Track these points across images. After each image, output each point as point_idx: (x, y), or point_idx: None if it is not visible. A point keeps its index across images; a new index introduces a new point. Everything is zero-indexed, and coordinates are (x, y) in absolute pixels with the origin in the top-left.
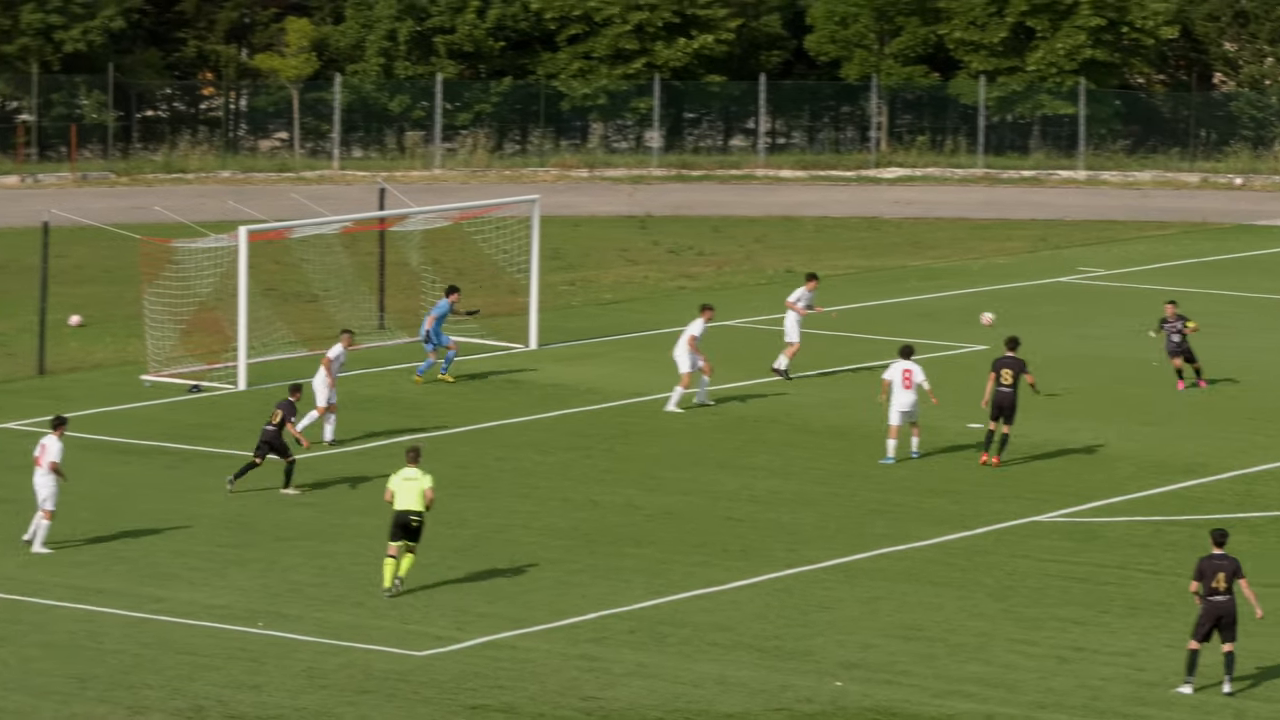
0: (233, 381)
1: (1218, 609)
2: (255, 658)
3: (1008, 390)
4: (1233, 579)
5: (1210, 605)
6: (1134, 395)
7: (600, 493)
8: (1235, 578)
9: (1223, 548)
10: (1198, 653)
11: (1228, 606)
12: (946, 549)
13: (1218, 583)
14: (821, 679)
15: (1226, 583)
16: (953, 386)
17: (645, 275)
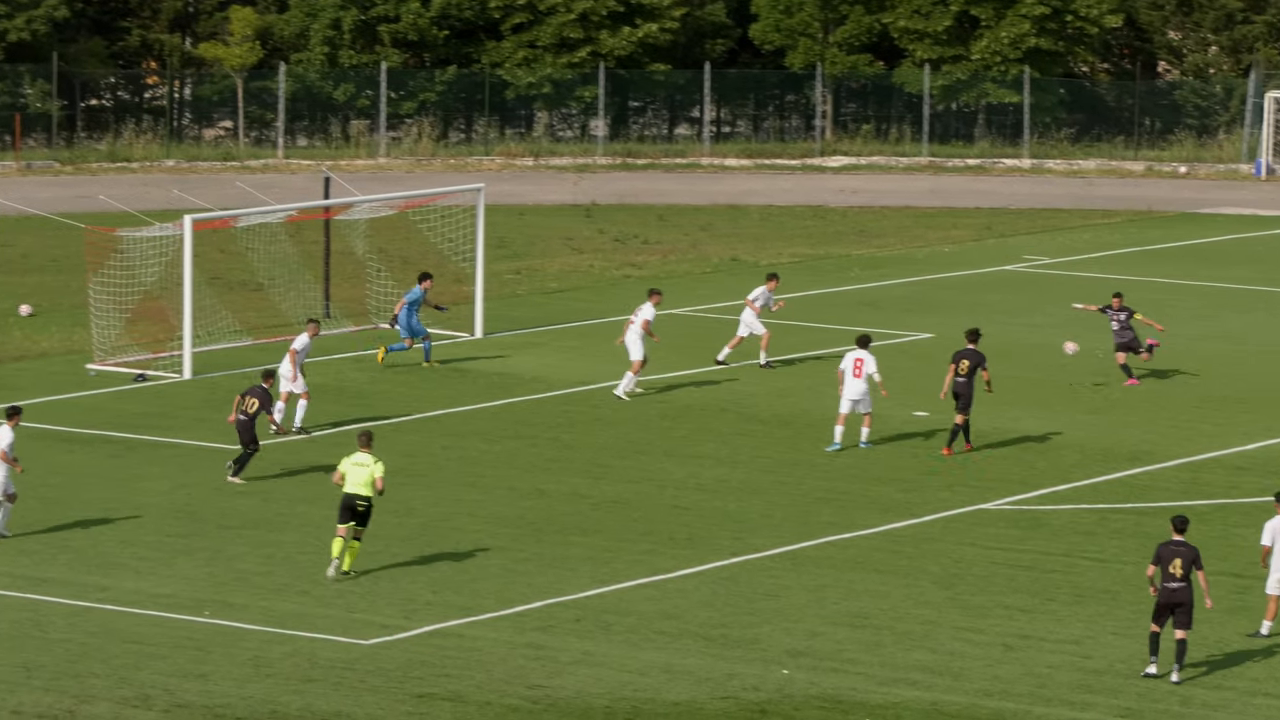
0: (178, 370)
1: (1172, 596)
2: (201, 646)
3: (963, 380)
4: (1190, 567)
5: (1165, 591)
6: (1078, 385)
7: (546, 481)
8: (1193, 566)
9: (1183, 534)
10: (1158, 634)
11: (1183, 594)
12: (893, 537)
13: (1174, 569)
14: (768, 667)
15: (1183, 569)
16: (899, 375)
17: (590, 264)
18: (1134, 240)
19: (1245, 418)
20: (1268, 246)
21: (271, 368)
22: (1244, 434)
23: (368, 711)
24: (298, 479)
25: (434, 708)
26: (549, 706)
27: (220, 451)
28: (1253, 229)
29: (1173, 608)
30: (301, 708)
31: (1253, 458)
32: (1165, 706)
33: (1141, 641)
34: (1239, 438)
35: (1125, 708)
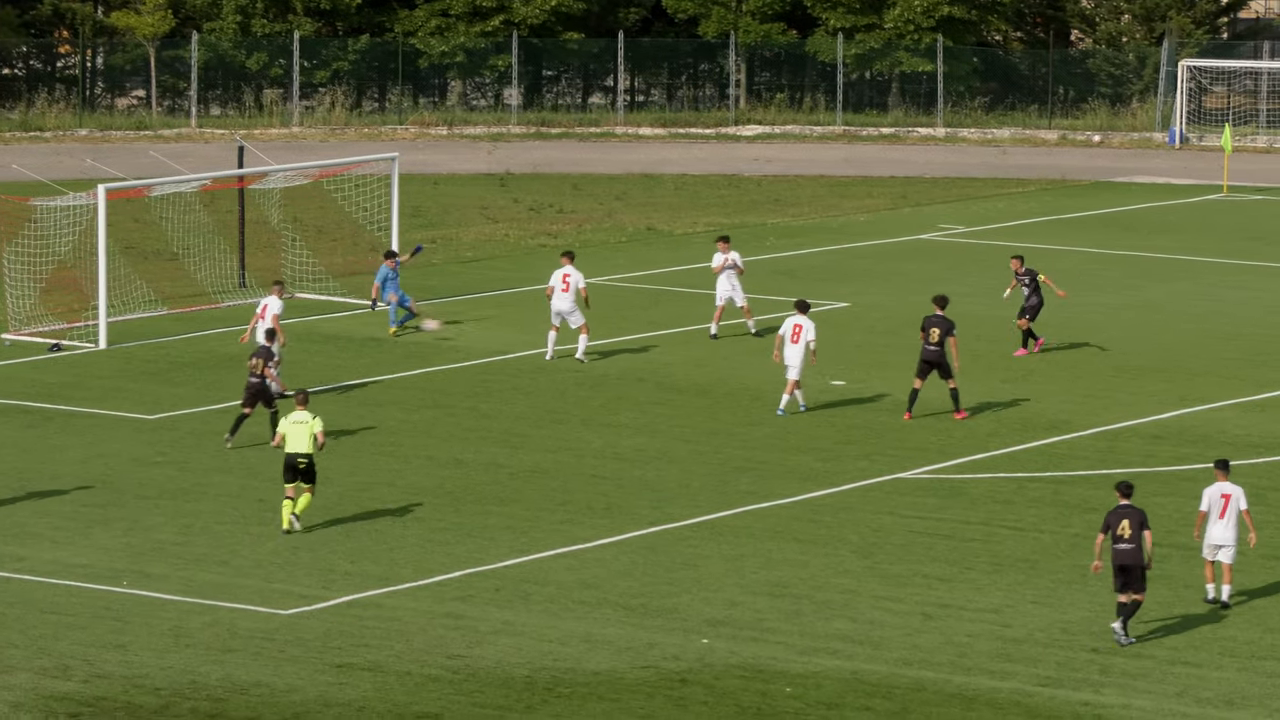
0: (93, 340)
1: (1122, 557)
2: (120, 617)
3: (934, 348)
4: (1139, 528)
5: (1115, 553)
6: (995, 352)
7: (464, 451)
8: (1141, 528)
9: (1129, 499)
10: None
11: (1133, 555)
12: (811, 506)
13: (1123, 530)
14: (688, 636)
15: (1132, 530)
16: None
17: (506, 233)
18: (1049, 209)
19: (1161, 387)
20: (1182, 215)
21: (273, 327)
22: (1159, 403)
23: (287, 681)
24: (214, 449)
25: (354, 678)
26: (469, 676)
27: (135, 421)
28: (1167, 197)
29: (1125, 570)
30: (221, 678)
31: (1167, 427)
32: (1085, 675)
33: (1060, 610)
34: (1155, 406)
35: (1045, 676)
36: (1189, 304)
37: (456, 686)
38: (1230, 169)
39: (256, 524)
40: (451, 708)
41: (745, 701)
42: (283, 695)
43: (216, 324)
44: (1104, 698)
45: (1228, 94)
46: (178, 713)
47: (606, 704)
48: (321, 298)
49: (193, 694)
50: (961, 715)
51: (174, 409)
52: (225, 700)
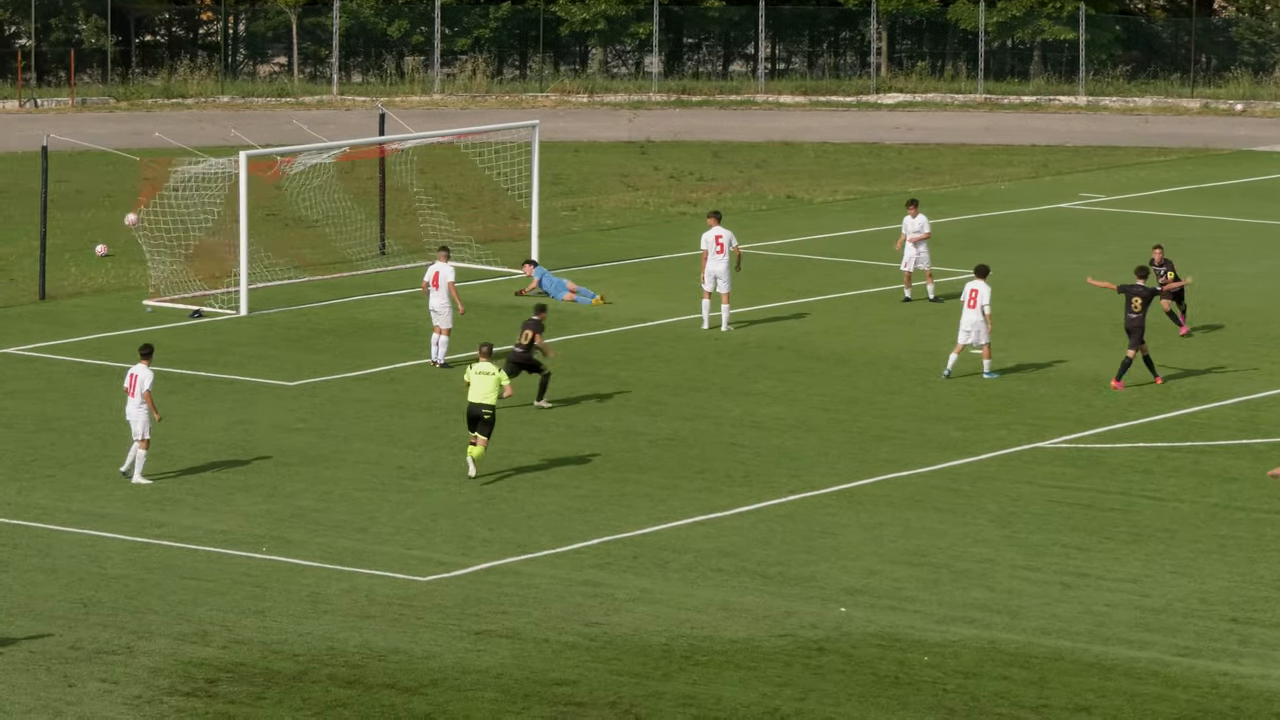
0: (235, 306)
1: None
2: (259, 583)
3: (1136, 316)
4: None
5: None
6: None
7: (603, 419)
8: None
9: None
10: None
11: None
12: (950, 475)
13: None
14: (826, 605)
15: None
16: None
17: (645, 201)
18: (1190, 178)
19: None
20: None
21: (545, 302)
22: None
23: (425, 648)
24: (354, 415)
25: (491, 645)
26: (606, 644)
27: (276, 388)
28: None
29: None
30: (359, 644)
31: None
32: (1224, 645)
33: (1199, 579)
34: None
35: (1184, 646)
36: None
37: (594, 654)
38: None
39: (395, 491)
40: (589, 675)
41: (882, 670)
42: (420, 662)
43: (357, 291)
44: (1242, 668)
45: None
46: (315, 678)
47: (743, 672)
48: (463, 265)
49: (330, 660)
50: (1099, 685)
51: (314, 375)
52: (363, 666)
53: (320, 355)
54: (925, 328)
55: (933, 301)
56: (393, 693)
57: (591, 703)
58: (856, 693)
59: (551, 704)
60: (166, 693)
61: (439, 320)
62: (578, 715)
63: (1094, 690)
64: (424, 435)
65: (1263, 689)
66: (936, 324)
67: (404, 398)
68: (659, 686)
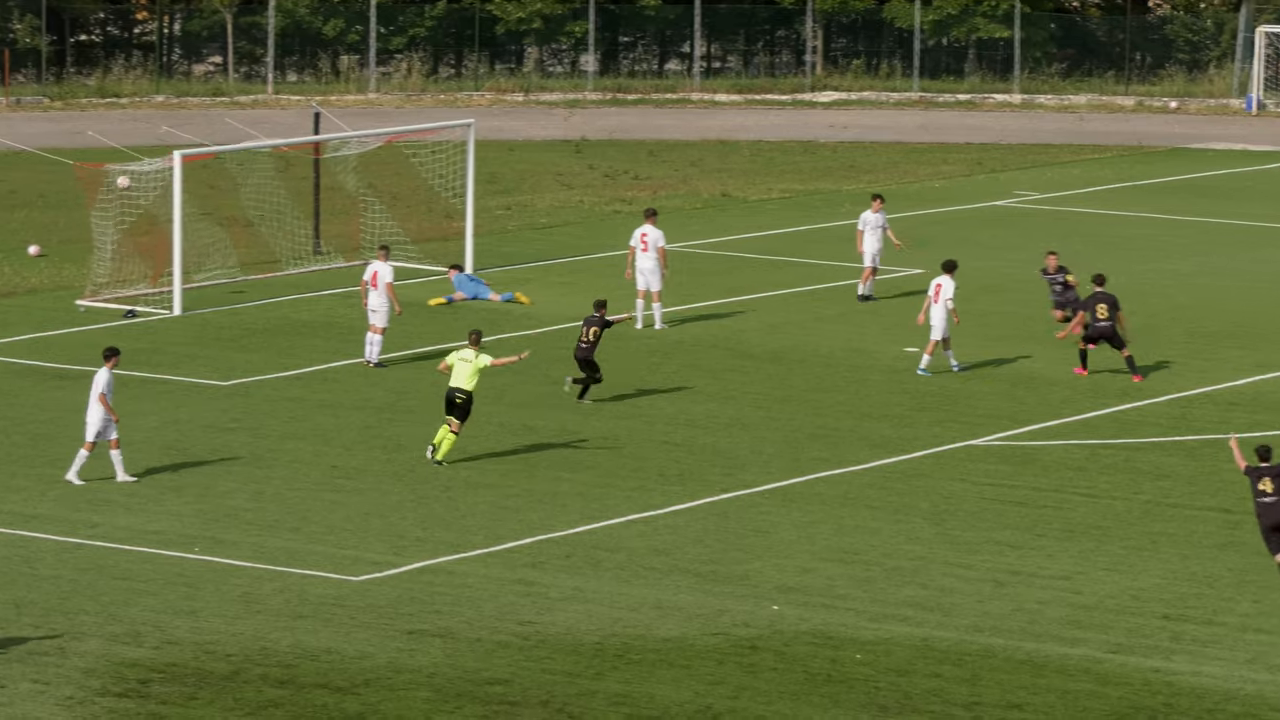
0: (169, 306)
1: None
2: (191, 583)
3: (1105, 324)
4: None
5: (1262, 508)
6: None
7: (536, 418)
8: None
9: (1269, 459)
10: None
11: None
12: (883, 473)
13: (1264, 486)
14: (759, 603)
15: (1274, 485)
16: (888, 309)
17: (580, 199)
18: (1125, 175)
19: (1236, 353)
20: (1260, 182)
21: (603, 299)
22: (1235, 369)
23: (358, 648)
24: (288, 415)
25: (424, 644)
26: (539, 643)
27: (209, 388)
28: (1244, 164)
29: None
30: (292, 644)
31: (1242, 393)
32: (1155, 642)
33: (1132, 576)
34: (1230, 373)
35: (1115, 643)
36: (1265, 270)
37: (527, 653)
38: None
39: (329, 490)
40: (521, 674)
41: (815, 668)
42: (353, 662)
43: (291, 290)
44: (1174, 664)
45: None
46: (248, 679)
47: (676, 670)
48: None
49: (263, 660)
50: (1031, 682)
51: (248, 375)
52: (295, 666)
53: (254, 355)
54: (858, 325)
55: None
56: (325, 692)
57: (524, 702)
58: (789, 690)
59: (484, 703)
60: (98, 693)
61: (375, 319)
62: (510, 714)
63: (1026, 687)
64: (358, 435)
65: (1194, 686)
66: (867, 322)
67: (338, 397)
68: (592, 685)
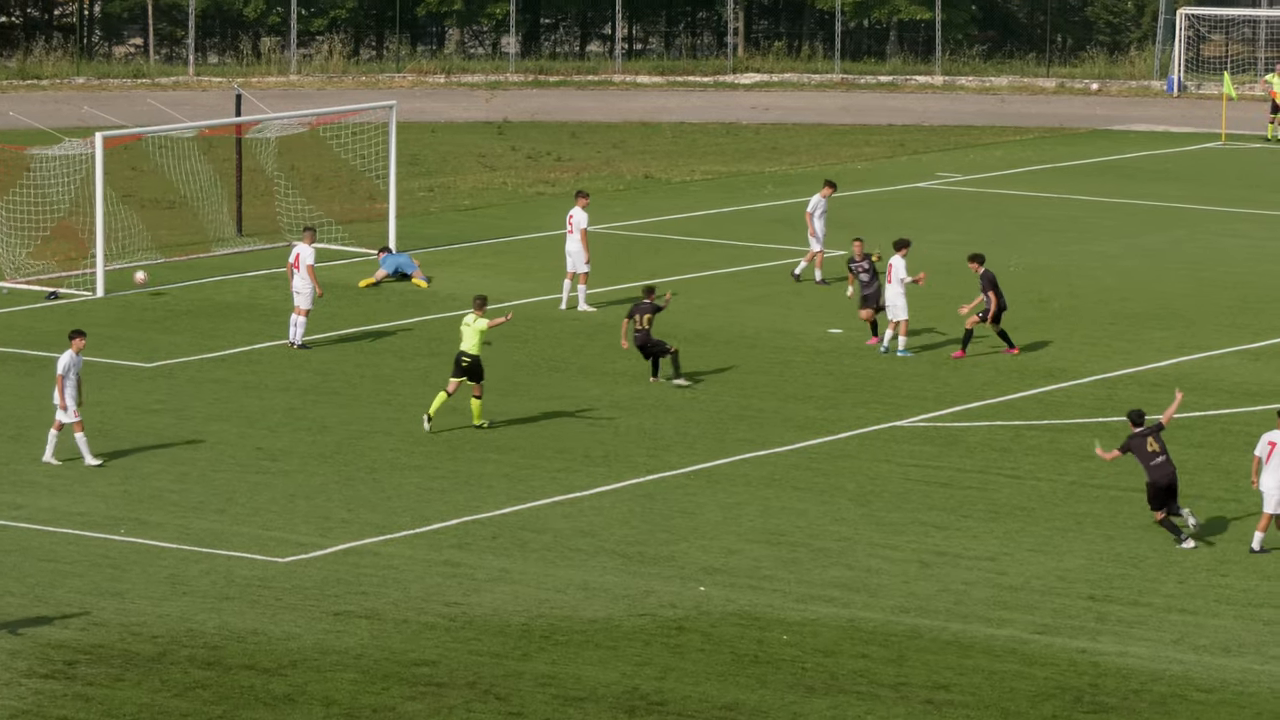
0: (91, 288)
1: (1161, 473)
2: (117, 565)
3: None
4: (1162, 441)
5: (1154, 470)
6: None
7: (461, 399)
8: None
9: (1143, 423)
10: (1165, 519)
11: (1169, 468)
12: (808, 454)
13: (1152, 446)
14: (685, 584)
15: (1158, 444)
16: (811, 291)
17: (504, 181)
18: (1047, 157)
19: (1159, 334)
20: (1181, 163)
21: (652, 283)
22: (1158, 350)
23: (284, 629)
24: (212, 396)
25: (351, 625)
26: (466, 624)
27: (133, 369)
28: (1165, 146)
29: (1169, 486)
30: (218, 625)
31: (1166, 374)
32: (1081, 623)
33: (1057, 557)
34: (1153, 354)
35: (1041, 624)
36: (1187, 252)
37: (453, 634)
38: (1228, 117)
39: (254, 472)
40: (448, 655)
41: (742, 649)
42: (279, 643)
43: (214, 272)
44: (1100, 645)
45: (1225, 42)
46: (174, 660)
47: (603, 651)
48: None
49: (189, 642)
50: (958, 662)
51: (171, 357)
52: (222, 648)
53: (178, 336)
54: (783, 306)
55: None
56: (252, 674)
57: (451, 683)
58: (716, 671)
59: (411, 684)
60: (24, 675)
61: (299, 301)
62: (437, 695)
63: (952, 668)
64: (282, 416)
65: (1119, 666)
66: (792, 303)
67: (263, 379)
68: (518, 666)
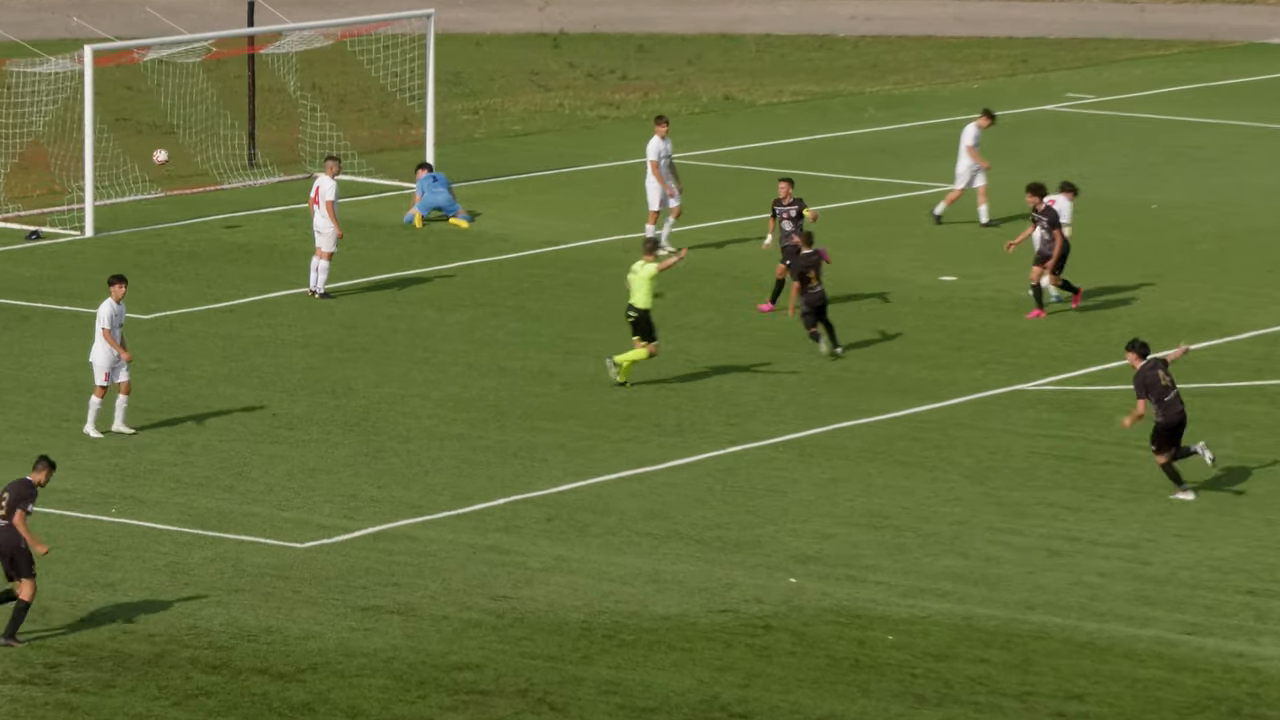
0: (78, 227)
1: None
2: (109, 550)
3: None
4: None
5: (1167, 407)
6: (1131, 243)
7: (510, 358)
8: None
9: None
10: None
11: (1180, 404)
12: (916, 423)
13: (1164, 380)
14: (772, 575)
15: (1169, 378)
16: (922, 233)
17: (560, 103)
18: (1193, 75)
19: None
20: None
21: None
22: None
23: (303, 627)
24: (220, 354)
25: (381, 622)
26: (516, 620)
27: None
28: None
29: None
30: (226, 622)
31: None
32: (1238, 622)
33: (1209, 545)
34: None
35: (1192, 623)
36: None
37: (501, 633)
38: None
39: (268, 442)
40: (495, 658)
41: (839, 651)
42: (297, 643)
43: (221, 209)
44: (1261, 648)
45: None
46: (174, 663)
47: (676, 654)
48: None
49: (192, 641)
50: (1093, 668)
51: (172, 308)
52: (230, 649)
53: (179, 284)
54: (884, 250)
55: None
56: (265, 679)
57: (498, 690)
58: (809, 677)
59: (451, 692)
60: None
61: (321, 242)
62: (482, 705)
63: (1087, 675)
64: (301, 377)
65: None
66: (895, 246)
67: (278, 333)
68: (577, 671)
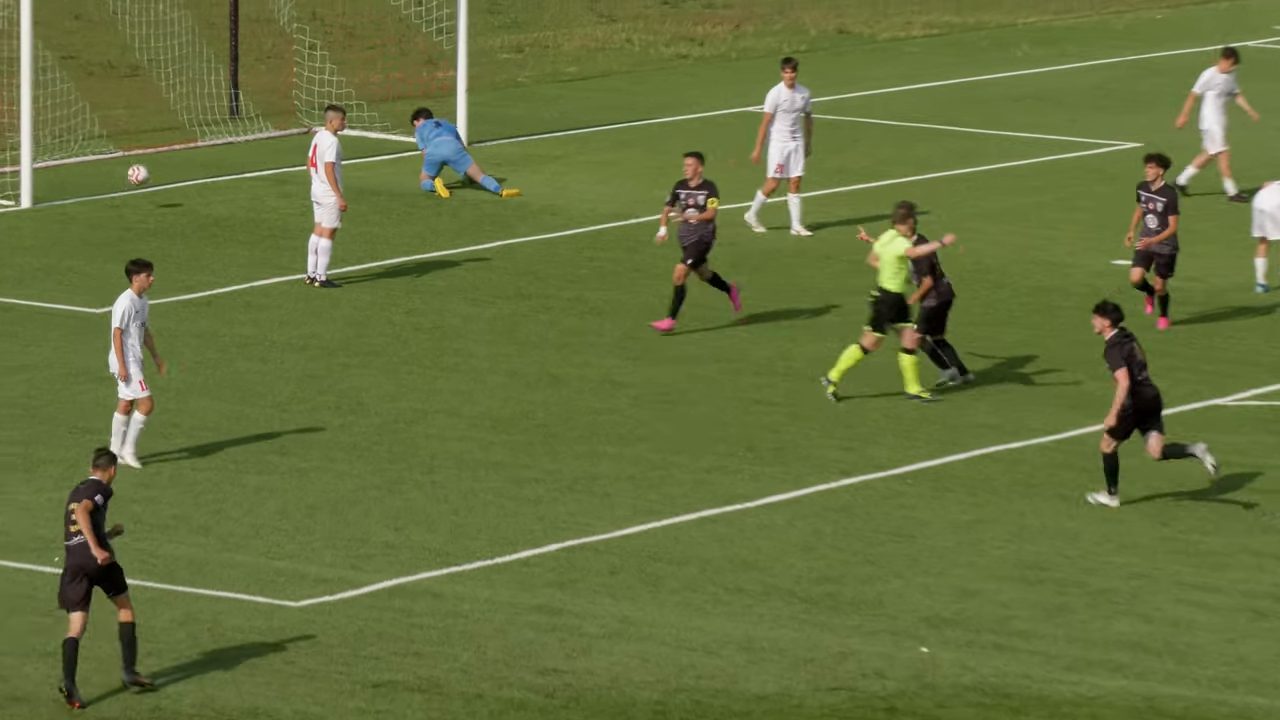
0: (13, 196)
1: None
2: (50, 611)
3: None
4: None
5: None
6: None
7: (564, 363)
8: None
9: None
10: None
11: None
12: (1081, 448)
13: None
14: (899, 643)
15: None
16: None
17: (628, 38)
18: None
19: None
20: None
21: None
22: None
23: (298, 708)
24: (193, 357)
25: (398, 703)
26: (570, 700)
27: (75, 316)
28: None
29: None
30: (199, 702)
31: None
32: None
33: None
34: None
35: None
36: None
37: (551, 716)
38: None
39: (254, 471)
40: None
41: None
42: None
43: (196, 172)
44: None
45: None
46: None
47: None
48: (354, 133)
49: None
50: None
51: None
52: None
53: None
54: (1043, 225)
55: (1234, 199)
56: None
57: None
58: None
59: None
60: None
61: (321, 216)
62: None
63: None
64: (297, 388)
65: None
66: (1060, 224)
67: (267, 332)
68: None
